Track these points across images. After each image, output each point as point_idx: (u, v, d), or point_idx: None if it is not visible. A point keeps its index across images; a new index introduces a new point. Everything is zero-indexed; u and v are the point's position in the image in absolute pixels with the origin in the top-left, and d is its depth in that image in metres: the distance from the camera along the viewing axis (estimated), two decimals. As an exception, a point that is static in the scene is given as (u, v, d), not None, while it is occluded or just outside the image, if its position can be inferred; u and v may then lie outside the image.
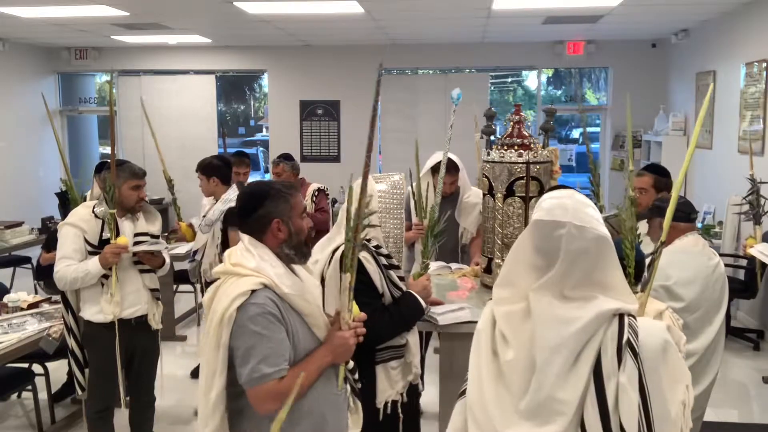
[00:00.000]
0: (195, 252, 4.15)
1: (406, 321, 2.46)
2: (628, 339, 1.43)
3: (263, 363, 1.81)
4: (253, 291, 1.84)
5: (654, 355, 1.45)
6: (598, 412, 1.42)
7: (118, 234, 3.13)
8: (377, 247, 2.54)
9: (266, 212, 1.97)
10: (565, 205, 1.55)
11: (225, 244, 3.96)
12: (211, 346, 1.86)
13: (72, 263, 3.09)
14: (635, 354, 1.43)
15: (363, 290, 2.29)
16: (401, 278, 2.53)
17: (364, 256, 2.65)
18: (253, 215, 1.97)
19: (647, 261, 2.15)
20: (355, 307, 2.00)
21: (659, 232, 2.97)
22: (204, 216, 4.15)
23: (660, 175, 3.52)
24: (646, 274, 2.15)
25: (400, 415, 2.48)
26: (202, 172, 4.07)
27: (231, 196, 4.01)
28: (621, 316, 1.47)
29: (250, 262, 1.90)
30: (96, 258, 3.09)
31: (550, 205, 1.57)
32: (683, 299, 2.78)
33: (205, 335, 1.91)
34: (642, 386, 1.42)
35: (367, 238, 2.74)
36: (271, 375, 1.81)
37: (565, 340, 1.45)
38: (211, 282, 3.94)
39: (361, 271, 2.51)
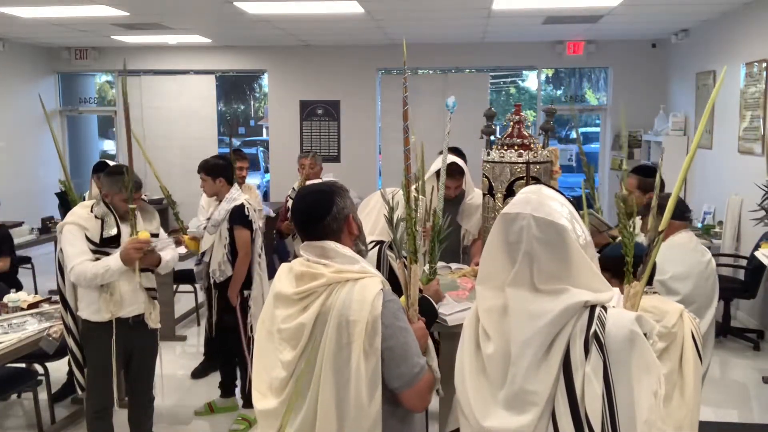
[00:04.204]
0: (203, 254, 4.13)
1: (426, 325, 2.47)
2: (595, 330, 1.47)
3: (417, 356, 1.77)
4: (381, 290, 1.77)
5: (621, 346, 1.47)
6: (568, 402, 1.46)
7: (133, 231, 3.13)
8: None
9: (340, 209, 1.86)
10: (528, 199, 1.61)
11: (233, 244, 3.95)
12: (356, 359, 1.70)
13: (88, 258, 3.09)
14: (601, 345, 1.46)
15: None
16: None
17: (392, 256, 2.67)
18: (329, 215, 1.85)
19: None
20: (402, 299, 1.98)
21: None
22: (208, 218, 4.13)
23: (645, 176, 3.58)
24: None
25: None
26: (206, 173, 4.03)
27: (235, 195, 4.01)
28: (592, 308, 1.51)
29: (354, 265, 1.81)
30: (117, 254, 3.09)
31: (515, 200, 1.64)
32: (679, 293, 2.87)
33: (328, 355, 1.72)
34: (606, 376, 1.45)
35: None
36: (425, 366, 1.78)
37: (535, 334, 1.49)
38: (221, 283, 3.98)
39: (390, 271, 2.53)
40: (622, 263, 1.84)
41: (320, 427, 1.73)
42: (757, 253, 4.66)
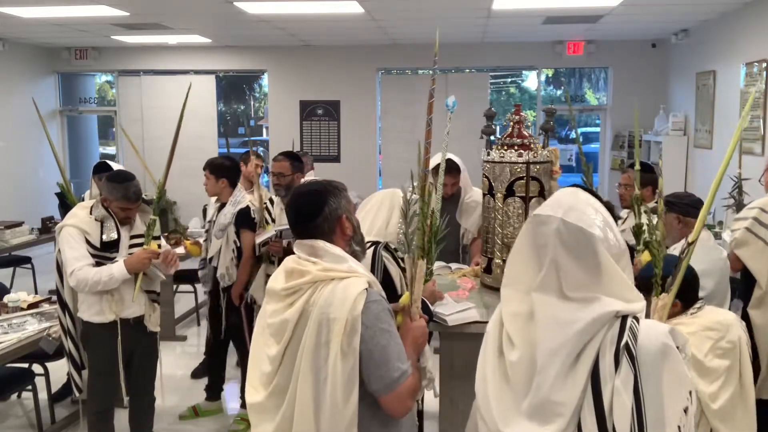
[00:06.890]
0: (210, 259, 4.10)
1: None
2: (626, 342, 1.41)
3: (399, 360, 1.73)
4: (366, 290, 1.75)
5: (653, 359, 1.42)
6: (595, 414, 1.41)
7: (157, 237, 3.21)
8: (396, 250, 2.57)
9: (332, 209, 1.86)
10: (560, 201, 1.54)
11: (240, 248, 3.95)
12: (333, 357, 1.70)
13: (89, 263, 3.08)
14: (632, 358, 1.41)
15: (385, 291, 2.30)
16: None
17: (387, 258, 2.66)
18: (321, 214, 1.84)
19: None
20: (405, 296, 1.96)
21: (674, 228, 3.11)
22: (209, 221, 4.13)
23: (642, 172, 3.59)
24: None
25: (416, 422, 2.46)
26: (211, 171, 3.98)
27: (239, 197, 3.98)
28: (623, 318, 1.44)
29: (341, 265, 1.80)
30: (121, 262, 3.10)
31: (549, 201, 1.59)
32: (704, 289, 2.89)
33: (308, 352, 1.72)
34: (637, 390, 1.40)
35: (388, 241, 2.77)
36: (407, 371, 1.74)
37: (563, 342, 1.43)
38: (227, 288, 3.98)
39: (385, 272, 2.52)
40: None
41: (298, 423, 1.73)
42: (723, 234, 4.76)
